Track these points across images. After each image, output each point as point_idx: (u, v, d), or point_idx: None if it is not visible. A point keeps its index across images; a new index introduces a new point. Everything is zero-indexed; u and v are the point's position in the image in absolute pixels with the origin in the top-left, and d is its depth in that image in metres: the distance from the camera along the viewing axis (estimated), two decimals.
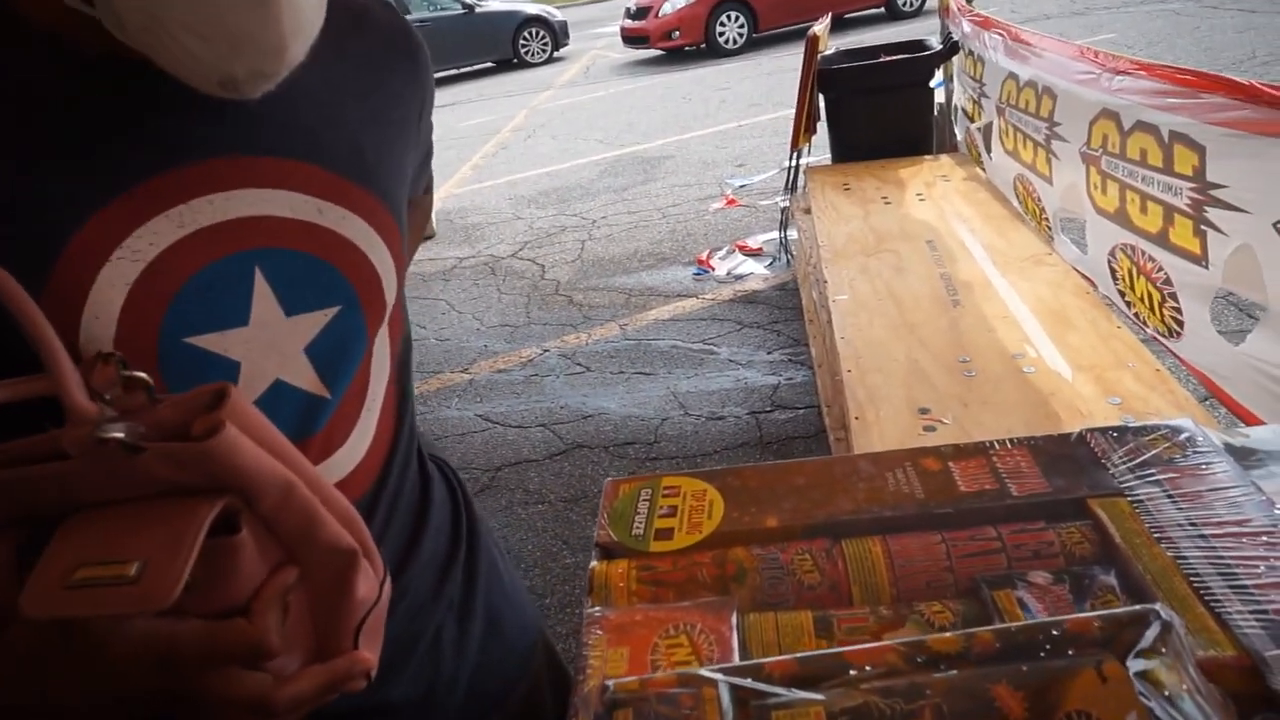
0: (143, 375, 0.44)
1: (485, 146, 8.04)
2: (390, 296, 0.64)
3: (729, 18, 11.01)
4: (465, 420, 3.16)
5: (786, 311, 3.66)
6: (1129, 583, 0.61)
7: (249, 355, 0.56)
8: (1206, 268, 1.78)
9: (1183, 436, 0.75)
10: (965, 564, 0.67)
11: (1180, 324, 1.93)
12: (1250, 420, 1.69)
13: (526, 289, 4.42)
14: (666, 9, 11.06)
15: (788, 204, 4.09)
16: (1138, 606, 0.45)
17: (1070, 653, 0.43)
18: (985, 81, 3.19)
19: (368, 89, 0.65)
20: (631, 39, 11.69)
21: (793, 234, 4.04)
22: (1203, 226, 1.77)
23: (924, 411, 1.67)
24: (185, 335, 0.54)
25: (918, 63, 3.66)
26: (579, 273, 4.53)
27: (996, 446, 0.80)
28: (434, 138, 0.80)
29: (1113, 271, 2.23)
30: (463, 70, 13.37)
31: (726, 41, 11.04)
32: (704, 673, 0.46)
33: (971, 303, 2.14)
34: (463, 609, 0.73)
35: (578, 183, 6.37)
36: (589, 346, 3.63)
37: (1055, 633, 0.44)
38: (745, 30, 11.06)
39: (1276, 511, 0.63)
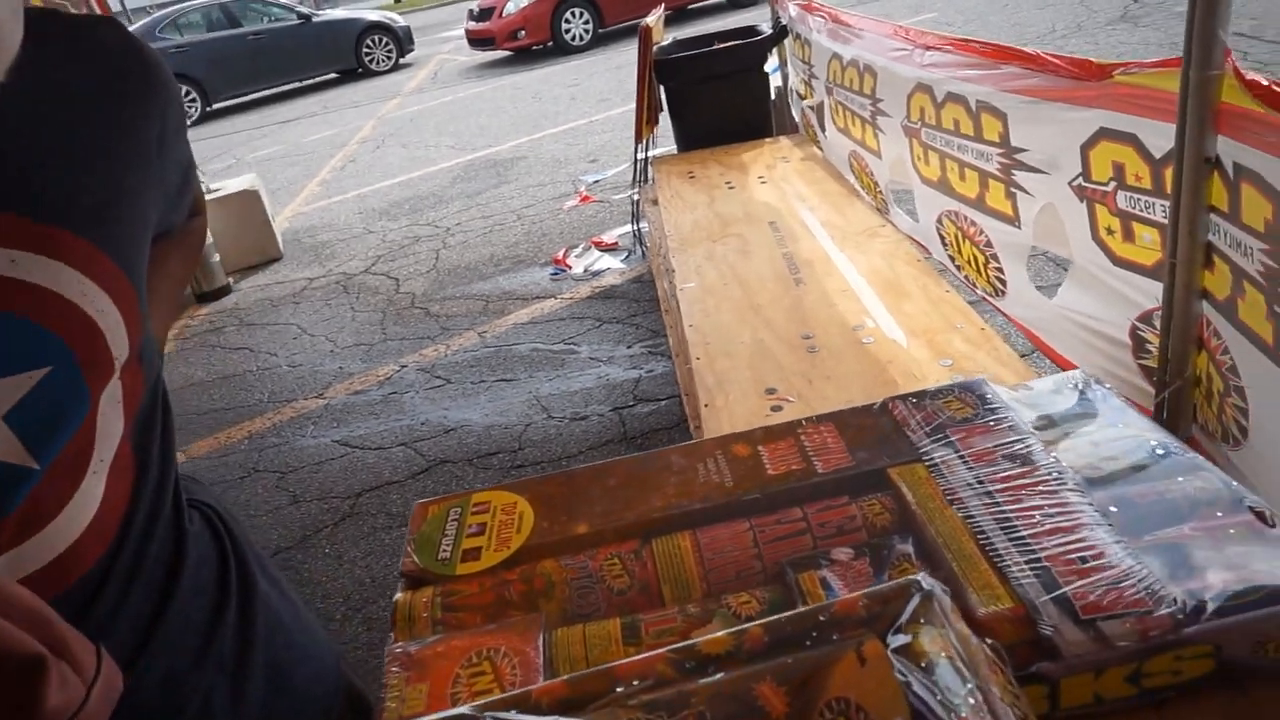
0: None
1: (332, 160, 7.72)
2: (120, 350, 0.57)
3: (574, 14, 10.99)
4: (322, 448, 3.01)
5: (644, 304, 3.67)
6: (923, 549, 0.62)
7: None
8: (1019, 228, 1.88)
9: (974, 395, 0.77)
10: (772, 549, 0.66)
11: (1004, 283, 2.03)
12: (1069, 368, 1.79)
13: (381, 305, 4.27)
14: (510, 9, 10.93)
15: (638, 196, 4.10)
16: (900, 580, 0.44)
17: (835, 637, 0.42)
18: (814, 63, 3.28)
19: (90, 121, 0.58)
20: (477, 41, 11.50)
21: (645, 226, 4.05)
22: (1013, 189, 1.86)
23: (771, 391, 1.69)
24: None
25: (749, 48, 3.73)
26: (434, 283, 4.40)
27: (804, 424, 0.80)
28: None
29: (942, 238, 2.33)
30: (304, 83, 12.83)
31: (573, 39, 11.02)
32: (466, 711, 0.43)
33: (813, 279, 2.19)
34: (237, 669, 0.67)
35: (430, 191, 6.21)
36: (448, 358, 3.53)
37: (822, 618, 0.43)
38: (591, 26, 11.07)
39: (1052, 458, 0.65)
